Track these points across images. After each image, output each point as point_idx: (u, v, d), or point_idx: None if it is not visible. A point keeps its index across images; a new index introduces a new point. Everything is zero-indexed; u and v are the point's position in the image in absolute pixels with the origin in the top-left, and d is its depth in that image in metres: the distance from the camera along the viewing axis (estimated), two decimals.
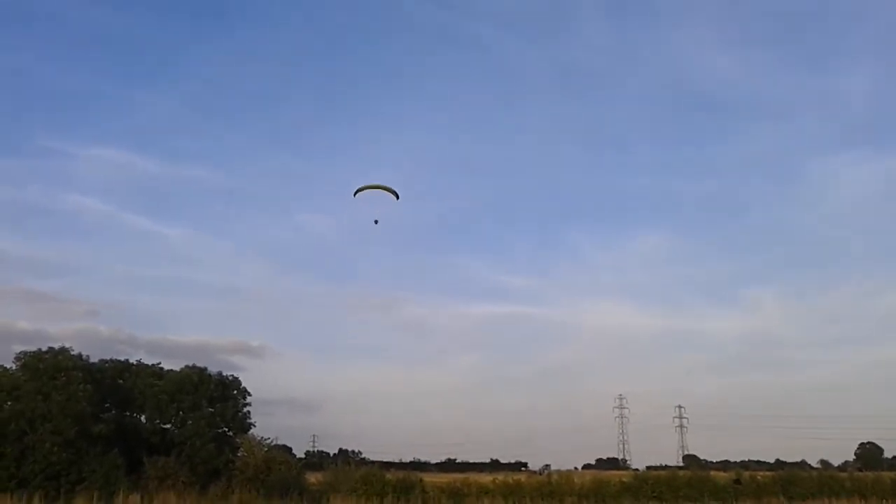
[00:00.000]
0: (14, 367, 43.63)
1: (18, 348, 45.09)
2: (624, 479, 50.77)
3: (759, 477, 54.46)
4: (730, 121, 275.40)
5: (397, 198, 45.10)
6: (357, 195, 45.09)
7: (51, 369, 42.73)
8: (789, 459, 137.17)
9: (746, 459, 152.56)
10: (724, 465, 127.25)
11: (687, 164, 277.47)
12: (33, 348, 44.66)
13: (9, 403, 42.03)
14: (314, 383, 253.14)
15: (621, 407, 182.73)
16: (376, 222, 44.64)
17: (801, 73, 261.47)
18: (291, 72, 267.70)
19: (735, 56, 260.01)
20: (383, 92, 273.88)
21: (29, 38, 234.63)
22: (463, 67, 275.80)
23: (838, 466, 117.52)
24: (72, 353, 44.79)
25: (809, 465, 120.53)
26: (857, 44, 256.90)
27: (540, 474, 70.30)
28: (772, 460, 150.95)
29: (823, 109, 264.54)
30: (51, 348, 44.58)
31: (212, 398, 48.69)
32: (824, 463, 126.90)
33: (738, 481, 51.91)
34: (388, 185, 45.29)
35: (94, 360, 46.83)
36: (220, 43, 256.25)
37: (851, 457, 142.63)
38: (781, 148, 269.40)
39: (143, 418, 48.28)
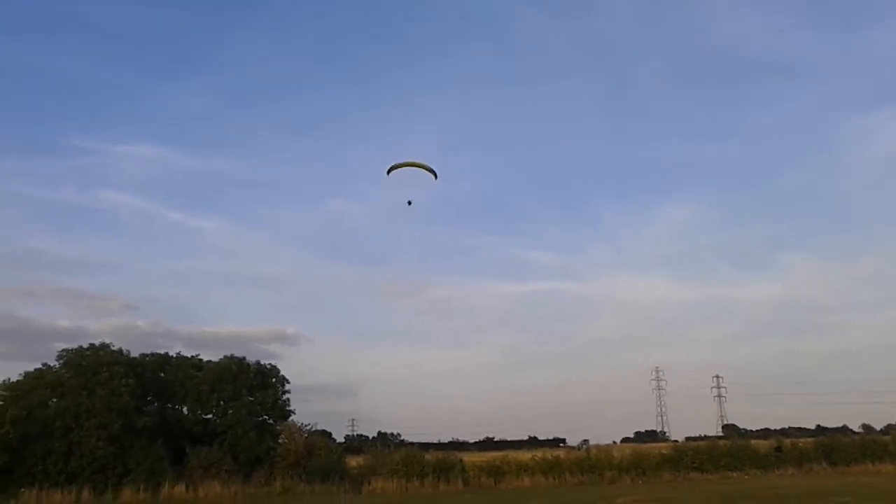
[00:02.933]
0: (57, 365, 44.49)
1: (60, 346, 45.98)
2: (663, 452, 50.66)
3: (800, 444, 54.09)
4: (758, 83, 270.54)
5: (435, 177, 41.06)
6: (391, 174, 40.94)
7: (93, 365, 43.54)
8: (830, 425, 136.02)
9: (787, 427, 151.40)
10: (765, 433, 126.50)
11: (715, 130, 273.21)
12: (74, 346, 45.54)
13: (54, 400, 42.94)
14: (350, 368, 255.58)
15: (658, 379, 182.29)
16: (410, 203, 40.97)
17: (830, 31, 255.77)
18: (317, 57, 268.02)
19: (762, 16, 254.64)
20: (407, 73, 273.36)
21: (58, 36, 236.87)
22: (485, 44, 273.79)
23: (881, 430, 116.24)
24: (112, 348, 45.61)
25: (851, 430, 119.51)
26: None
27: (578, 450, 70.31)
28: (812, 426, 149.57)
29: (854, 68, 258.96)
30: (91, 345, 45.42)
31: (251, 387, 49.33)
32: (866, 427, 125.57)
33: (779, 449, 51.62)
34: (424, 163, 41.02)
35: (134, 354, 47.64)
36: (245, 33, 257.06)
37: (894, 420, 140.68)
38: (812, 109, 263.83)
39: (184, 409, 49.07)
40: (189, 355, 51.02)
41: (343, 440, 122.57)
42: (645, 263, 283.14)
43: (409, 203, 41.08)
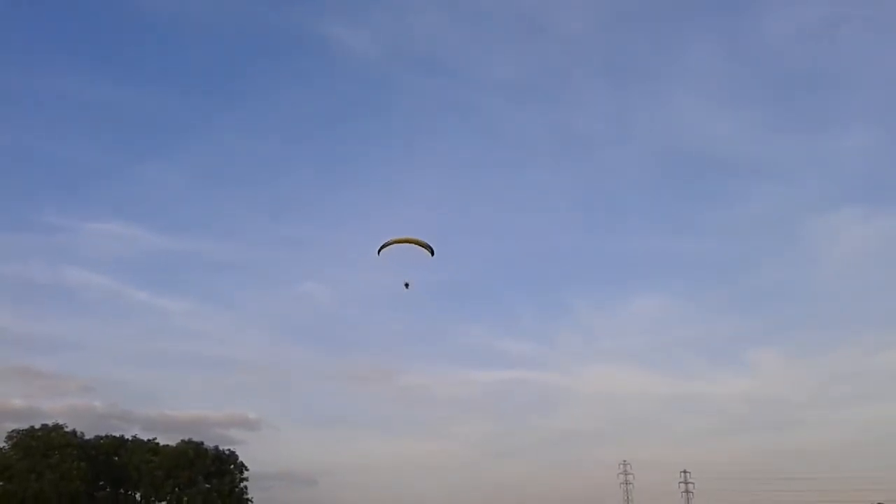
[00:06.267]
0: (6, 447, 42.95)
1: (11, 427, 44.46)
2: None
3: None
4: (728, 182, 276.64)
5: (432, 254, 38.72)
6: (382, 252, 38.42)
7: (44, 447, 42.09)
8: None
9: None
10: None
11: (686, 226, 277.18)
12: (26, 426, 44.09)
13: (0, 484, 41.22)
14: (313, 456, 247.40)
15: (626, 473, 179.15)
16: (407, 286, 39.12)
17: (797, 133, 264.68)
18: (294, 143, 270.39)
19: (732, 118, 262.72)
20: (383, 161, 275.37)
21: (34, 113, 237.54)
22: (462, 135, 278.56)
23: None
24: (66, 429, 44.24)
25: None
26: (851, 105, 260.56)
27: None
28: None
29: (821, 168, 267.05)
30: (44, 425, 44.07)
31: (208, 473, 47.91)
32: None
33: None
34: (420, 239, 38.59)
35: (88, 436, 46.26)
36: (223, 116, 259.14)
37: None
38: (780, 207, 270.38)
39: (138, 496, 47.39)
40: (146, 438, 49.82)
41: None
42: (615, 355, 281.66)
43: (407, 286, 39.37)
